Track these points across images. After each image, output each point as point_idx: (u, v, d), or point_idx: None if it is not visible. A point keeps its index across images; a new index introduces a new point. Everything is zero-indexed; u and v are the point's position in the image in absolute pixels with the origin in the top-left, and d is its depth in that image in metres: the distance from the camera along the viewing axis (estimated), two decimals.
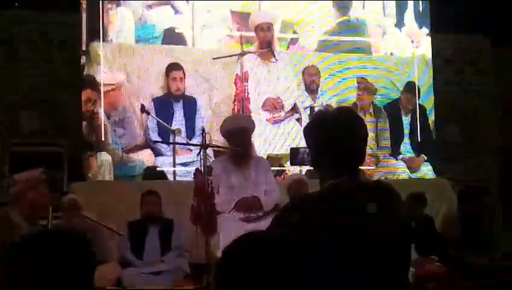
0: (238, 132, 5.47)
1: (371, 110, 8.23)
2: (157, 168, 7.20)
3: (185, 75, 7.57)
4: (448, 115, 8.99)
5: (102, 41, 7.38)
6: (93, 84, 7.29)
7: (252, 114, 7.29)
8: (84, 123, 7.21)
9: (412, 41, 8.61)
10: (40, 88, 7.92)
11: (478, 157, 9.10)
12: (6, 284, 1.72)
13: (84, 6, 7.40)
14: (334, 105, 7.80)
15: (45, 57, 7.99)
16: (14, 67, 7.92)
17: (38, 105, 7.88)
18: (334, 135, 2.08)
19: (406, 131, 8.37)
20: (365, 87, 8.23)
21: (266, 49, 7.57)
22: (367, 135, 2.18)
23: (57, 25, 7.99)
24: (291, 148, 6.88)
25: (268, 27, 7.77)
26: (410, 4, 8.65)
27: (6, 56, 7.93)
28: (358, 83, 8.21)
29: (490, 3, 8.60)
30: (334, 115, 2.19)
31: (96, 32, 7.38)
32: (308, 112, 7.66)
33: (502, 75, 9.22)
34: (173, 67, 7.57)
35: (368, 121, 7.91)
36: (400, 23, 8.58)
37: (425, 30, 8.66)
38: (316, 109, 7.63)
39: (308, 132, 2.21)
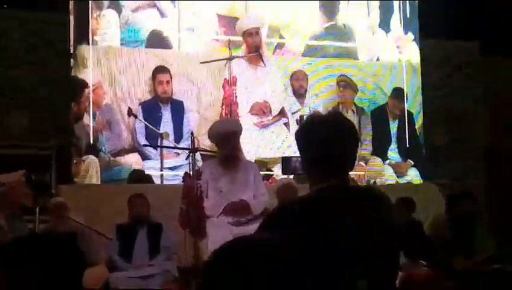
0: (227, 135, 5.45)
1: (353, 107, 8.27)
2: (143, 171, 7.17)
3: (171, 78, 7.56)
4: (436, 119, 9.07)
5: (89, 44, 7.36)
6: (79, 86, 7.26)
7: (239, 118, 7.28)
8: (71, 126, 7.19)
9: (398, 47, 8.66)
10: (28, 89, 7.87)
11: (465, 161, 9.18)
12: None
13: (71, 7, 7.37)
14: (322, 109, 7.83)
15: (34, 57, 7.94)
16: (2, 66, 7.86)
17: (26, 106, 7.83)
18: (324, 140, 2.09)
19: (393, 136, 8.42)
20: (346, 84, 8.26)
21: (254, 53, 7.57)
22: (358, 140, 2.20)
23: (46, 25, 7.95)
24: (283, 158, 6.90)
25: (256, 32, 7.78)
26: (396, 10, 8.71)
27: None
28: (339, 81, 8.23)
29: (478, 8, 8.69)
30: (325, 119, 2.20)
31: (83, 34, 7.36)
32: (297, 118, 7.68)
33: (489, 80, 9.31)
34: (160, 70, 7.56)
35: (350, 117, 7.92)
36: (385, 29, 8.63)
37: (411, 36, 8.72)
38: (305, 117, 7.66)
39: (298, 136, 2.21)
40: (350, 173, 2.16)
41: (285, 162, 6.94)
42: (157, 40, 7.70)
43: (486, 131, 9.38)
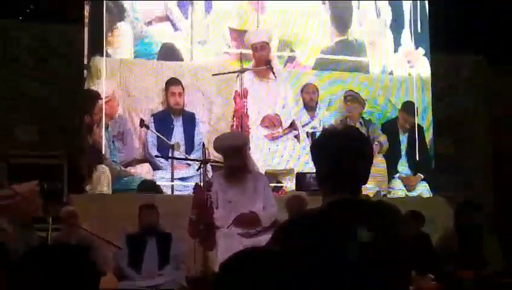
0: (230, 149, 5.45)
1: (360, 120, 8.30)
2: (153, 181, 7.23)
3: (183, 90, 7.63)
4: (446, 133, 9.07)
5: (103, 56, 7.45)
6: (93, 98, 7.35)
7: (250, 130, 7.33)
8: (84, 136, 7.26)
9: (409, 62, 8.70)
10: (41, 99, 7.96)
11: (474, 175, 9.17)
12: None
13: (86, 20, 7.47)
14: (332, 122, 7.88)
15: (47, 68, 8.04)
16: (14, 77, 7.97)
17: (39, 116, 7.92)
18: (337, 153, 2.10)
19: (403, 150, 8.43)
20: (353, 98, 8.30)
21: (264, 66, 7.63)
22: (372, 156, 2.20)
23: (59, 36, 8.06)
24: (297, 173, 6.92)
25: (262, 46, 7.84)
26: (407, 25, 8.75)
27: (7, 65, 7.98)
28: (346, 96, 8.27)
29: (488, 22, 8.72)
30: (339, 133, 2.22)
31: (97, 46, 7.45)
32: (308, 131, 7.73)
33: (499, 92, 9.32)
34: (172, 82, 7.65)
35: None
36: (397, 44, 8.67)
37: (422, 50, 8.76)
38: (316, 130, 7.74)
39: (313, 149, 2.23)
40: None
41: (299, 178, 6.98)
42: (169, 53, 7.78)
43: (495, 143, 9.37)
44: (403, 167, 8.38)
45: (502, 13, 8.78)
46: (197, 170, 5.31)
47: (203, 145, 5.32)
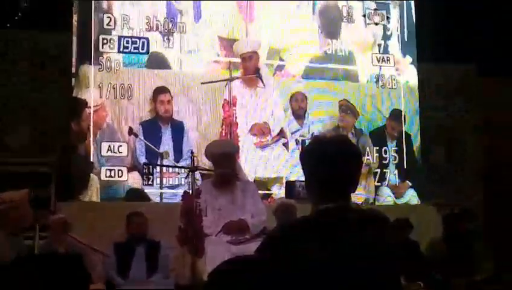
0: (221, 156, 5.47)
1: (353, 131, 8.34)
2: (140, 189, 7.21)
3: (172, 98, 7.65)
4: (434, 140, 9.13)
5: (91, 64, 7.45)
6: (81, 106, 7.34)
7: (239, 138, 7.36)
8: (73, 144, 7.25)
9: (396, 70, 8.75)
10: (30, 106, 7.94)
11: (462, 182, 9.22)
12: None
13: (74, 29, 7.48)
14: (321, 130, 7.92)
15: (35, 76, 8.03)
16: (5, 82, 7.95)
17: (27, 124, 7.90)
18: (327, 161, 2.10)
19: (391, 157, 8.47)
20: (347, 108, 8.34)
21: (255, 75, 7.67)
22: (361, 163, 2.20)
23: (49, 45, 8.04)
24: (287, 182, 6.92)
25: (250, 56, 7.91)
26: (395, 33, 8.81)
27: None
28: (340, 105, 8.32)
29: (475, 31, 8.80)
30: (329, 140, 2.20)
31: (85, 54, 7.45)
32: (297, 139, 7.76)
33: (487, 101, 9.39)
34: (160, 90, 7.66)
35: None
36: (385, 52, 8.72)
37: (409, 59, 8.82)
38: (306, 139, 7.77)
39: (302, 156, 2.22)
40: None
41: (289, 186, 6.99)
42: (158, 61, 7.79)
43: (484, 151, 9.43)
44: (391, 175, 8.41)
45: (488, 21, 8.88)
46: (186, 178, 5.30)
47: (192, 152, 5.32)
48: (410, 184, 8.41)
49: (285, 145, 7.97)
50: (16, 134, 7.85)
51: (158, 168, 7.22)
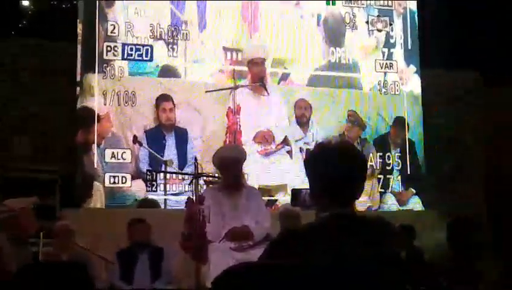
0: (230, 162, 5.48)
1: (358, 141, 8.34)
2: (150, 198, 7.24)
3: (174, 105, 7.68)
4: (437, 147, 9.12)
5: (96, 72, 7.50)
6: (86, 115, 7.38)
7: (243, 146, 7.36)
8: (77, 152, 7.28)
9: (400, 79, 8.77)
10: (34, 114, 7.98)
11: (467, 190, 9.20)
12: None
13: (80, 38, 7.53)
14: (324, 138, 7.92)
15: (41, 84, 8.07)
16: (9, 92, 7.99)
17: (33, 132, 7.94)
18: (332, 168, 2.09)
19: (395, 165, 8.47)
20: (355, 120, 8.36)
21: (258, 83, 7.71)
22: (365, 170, 2.19)
23: (54, 53, 8.10)
24: (293, 190, 6.92)
25: (262, 62, 7.94)
26: (399, 42, 8.83)
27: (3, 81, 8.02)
28: (349, 115, 8.34)
29: (479, 39, 8.82)
30: (334, 147, 2.19)
31: (90, 63, 7.50)
32: (301, 146, 7.77)
33: (490, 110, 9.39)
34: (162, 98, 7.71)
35: None
36: (389, 61, 8.74)
37: (413, 68, 8.84)
38: (309, 147, 7.79)
39: (307, 163, 2.22)
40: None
41: (295, 194, 6.99)
42: (164, 70, 7.83)
43: (488, 158, 9.42)
44: (394, 182, 8.41)
45: (493, 28, 8.90)
46: (189, 184, 5.31)
47: (195, 159, 5.33)
48: (414, 191, 8.41)
49: (289, 153, 7.99)
50: (21, 142, 7.88)
51: (162, 175, 7.24)
